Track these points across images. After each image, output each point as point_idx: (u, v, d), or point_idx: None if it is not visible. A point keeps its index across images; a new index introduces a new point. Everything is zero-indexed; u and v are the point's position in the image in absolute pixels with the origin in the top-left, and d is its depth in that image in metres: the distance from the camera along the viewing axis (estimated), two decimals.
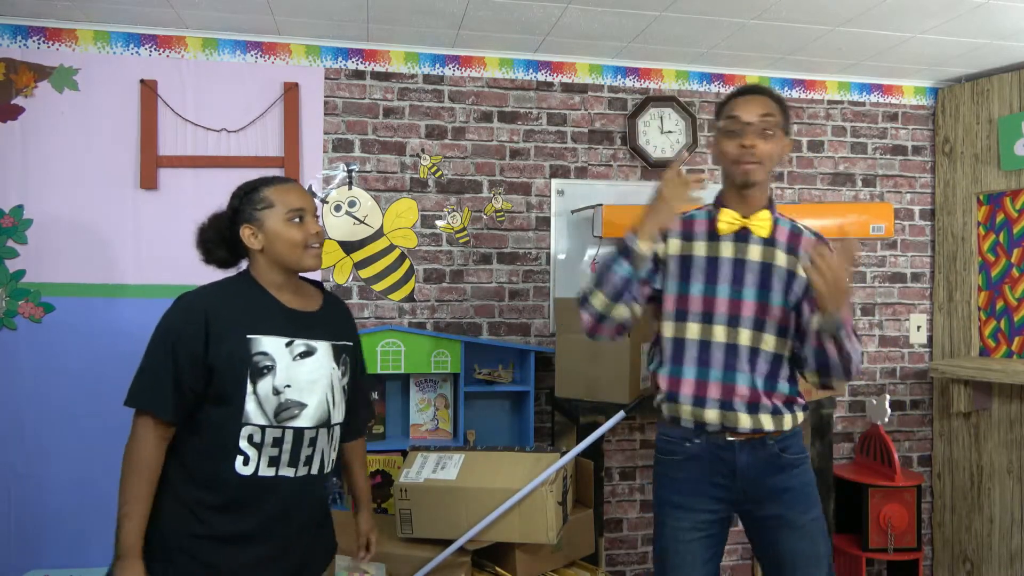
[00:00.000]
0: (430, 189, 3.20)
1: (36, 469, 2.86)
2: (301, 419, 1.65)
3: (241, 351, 1.61)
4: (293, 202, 1.69)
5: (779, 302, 1.83)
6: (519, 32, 2.99)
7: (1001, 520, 3.29)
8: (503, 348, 3.15)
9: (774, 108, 1.82)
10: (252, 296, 1.69)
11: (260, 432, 1.62)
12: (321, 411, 1.69)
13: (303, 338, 1.68)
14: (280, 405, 1.63)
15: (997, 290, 3.37)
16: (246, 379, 1.60)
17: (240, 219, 1.70)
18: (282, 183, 1.73)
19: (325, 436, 1.71)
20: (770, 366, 1.85)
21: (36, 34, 2.90)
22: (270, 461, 1.63)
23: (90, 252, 2.91)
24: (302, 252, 1.69)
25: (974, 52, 3.16)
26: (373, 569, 2.27)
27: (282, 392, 1.63)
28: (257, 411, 1.61)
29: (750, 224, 1.85)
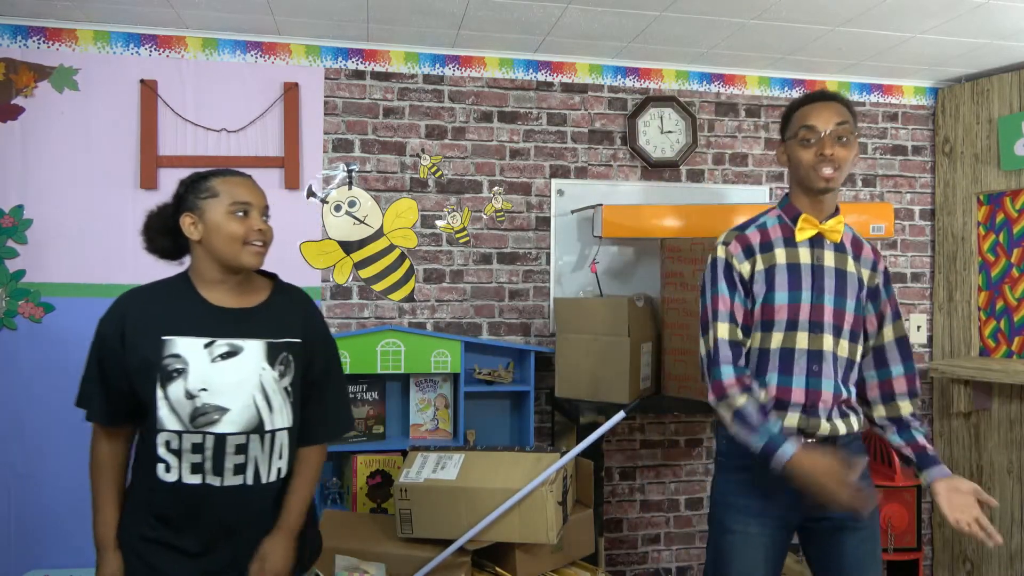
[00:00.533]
0: (430, 189, 3.20)
1: (36, 469, 2.86)
2: (223, 424, 1.55)
3: (152, 353, 1.55)
4: (239, 195, 1.61)
5: (852, 308, 1.86)
6: (519, 32, 2.99)
7: (1001, 520, 3.29)
8: (503, 348, 3.15)
9: (847, 115, 1.84)
10: (178, 295, 1.62)
11: (177, 438, 1.54)
12: (248, 416, 1.57)
13: (227, 337, 1.58)
14: (196, 410, 1.54)
15: (997, 290, 3.37)
16: (154, 383, 1.54)
17: (183, 207, 1.62)
18: (233, 175, 1.65)
19: (258, 443, 1.58)
20: (844, 371, 1.87)
21: (36, 34, 2.90)
22: (193, 468, 1.55)
23: (90, 252, 2.91)
24: (240, 248, 1.59)
25: (974, 52, 3.16)
26: (373, 569, 2.28)
27: (197, 396, 1.54)
28: (170, 416, 1.54)
29: (824, 230, 1.86)
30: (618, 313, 2.79)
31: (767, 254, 1.87)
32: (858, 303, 1.88)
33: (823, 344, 1.83)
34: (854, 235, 1.94)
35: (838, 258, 1.87)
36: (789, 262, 1.85)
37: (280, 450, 1.62)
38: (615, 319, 2.79)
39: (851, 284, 1.86)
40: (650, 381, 2.94)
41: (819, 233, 1.87)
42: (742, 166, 3.47)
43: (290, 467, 1.66)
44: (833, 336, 1.84)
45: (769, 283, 1.85)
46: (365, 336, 2.92)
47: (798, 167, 1.85)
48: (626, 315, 2.77)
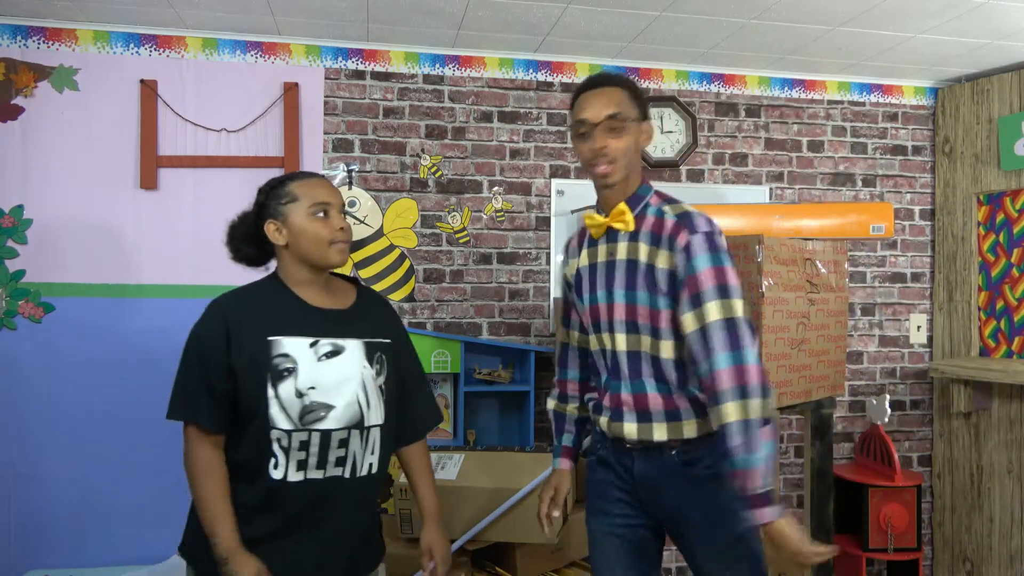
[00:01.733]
0: (430, 189, 3.21)
1: (36, 469, 2.86)
2: (328, 421, 1.60)
3: (261, 354, 1.57)
4: (318, 196, 1.64)
5: (645, 301, 1.67)
6: (519, 32, 2.99)
7: (1001, 520, 3.29)
8: (503, 348, 3.15)
9: (622, 101, 1.69)
10: (276, 297, 1.65)
11: (287, 436, 1.57)
12: (351, 412, 1.63)
13: (330, 337, 1.63)
14: (304, 408, 1.58)
15: (997, 290, 3.37)
16: (267, 382, 1.57)
17: (265, 214, 1.66)
18: (308, 177, 1.69)
19: (358, 438, 1.64)
20: (654, 370, 1.69)
21: (36, 34, 2.90)
22: (298, 465, 1.59)
23: (90, 252, 2.91)
24: (327, 248, 1.64)
25: (974, 52, 3.16)
26: None
27: (306, 394, 1.58)
28: (281, 415, 1.57)
29: (612, 222, 1.74)
30: None
31: (575, 258, 1.86)
32: (652, 294, 1.66)
33: (616, 344, 1.73)
34: (658, 215, 1.70)
35: (631, 248, 1.71)
36: (589, 263, 1.80)
37: (374, 446, 1.67)
38: None
39: (642, 274, 1.67)
40: None
41: (611, 226, 1.74)
42: (742, 166, 3.47)
43: (382, 464, 1.70)
44: (627, 334, 1.71)
45: (578, 288, 1.84)
46: None
47: (581, 162, 1.76)
48: None
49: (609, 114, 1.67)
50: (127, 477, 2.89)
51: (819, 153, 3.55)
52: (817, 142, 3.55)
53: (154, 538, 2.87)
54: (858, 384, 3.59)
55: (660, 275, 1.65)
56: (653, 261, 1.66)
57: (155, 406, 2.94)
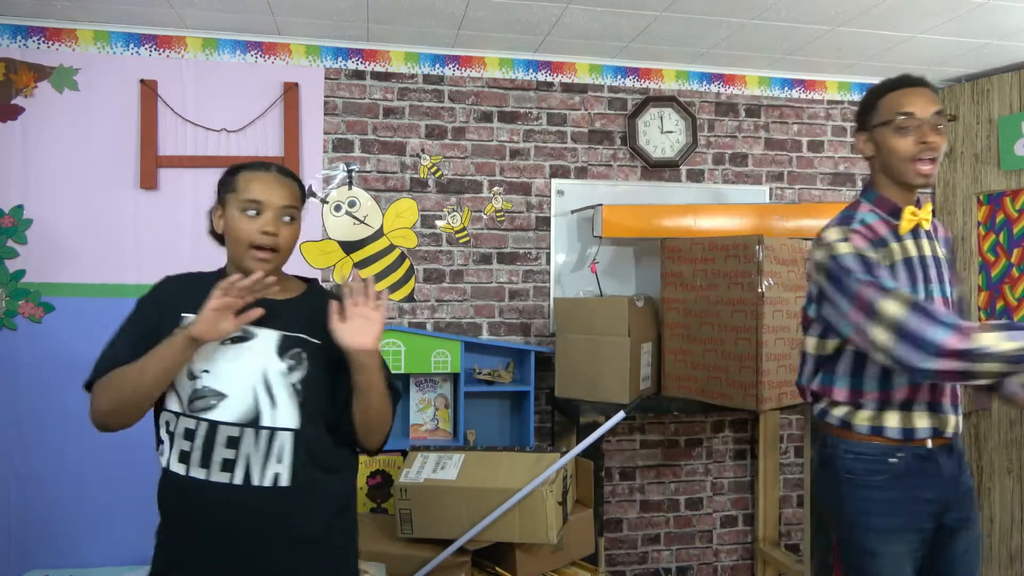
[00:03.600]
0: (430, 189, 3.21)
1: (36, 469, 2.86)
2: (217, 411, 1.43)
3: (168, 328, 1.46)
4: (253, 191, 1.48)
5: (951, 295, 1.79)
6: (519, 32, 2.99)
7: (1001, 520, 3.29)
8: (503, 348, 3.15)
9: (940, 103, 1.76)
10: (209, 281, 1.48)
11: (175, 419, 1.45)
12: (245, 407, 1.44)
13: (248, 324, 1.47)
14: (195, 392, 1.44)
15: (997, 290, 3.37)
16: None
17: (217, 198, 1.57)
18: (257, 169, 1.53)
19: (252, 440, 1.43)
20: None
21: (36, 34, 2.90)
22: (180, 456, 1.44)
23: (90, 252, 2.91)
24: (245, 250, 1.48)
25: (974, 52, 3.16)
26: (373, 569, 2.28)
27: (199, 377, 1.44)
28: (172, 395, 1.46)
29: (925, 218, 1.76)
30: (618, 313, 2.79)
31: (882, 250, 1.72)
32: (953, 288, 1.80)
33: None
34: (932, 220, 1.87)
35: (932, 246, 1.78)
36: (904, 257, 1.73)
37: (279, 453, 1.44)
38: (615, 319, 2.79)
39: (946, 270, 1.80)
40: (650, 381, 2.94)
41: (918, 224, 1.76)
42: (742, 166, 3.47)
43: (297, 476, 1.46)
44: None
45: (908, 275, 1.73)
46: None
47: (891, 156, 1.72)
48: (626, 315, 2.77)
49: (936, 111, 1.70)
50: (127, 477, 2.89)
51: (819, 153, 3.55)
52: (817, 142, 3.55)
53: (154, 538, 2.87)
54: None
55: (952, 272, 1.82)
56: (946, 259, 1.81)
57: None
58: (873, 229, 1.74)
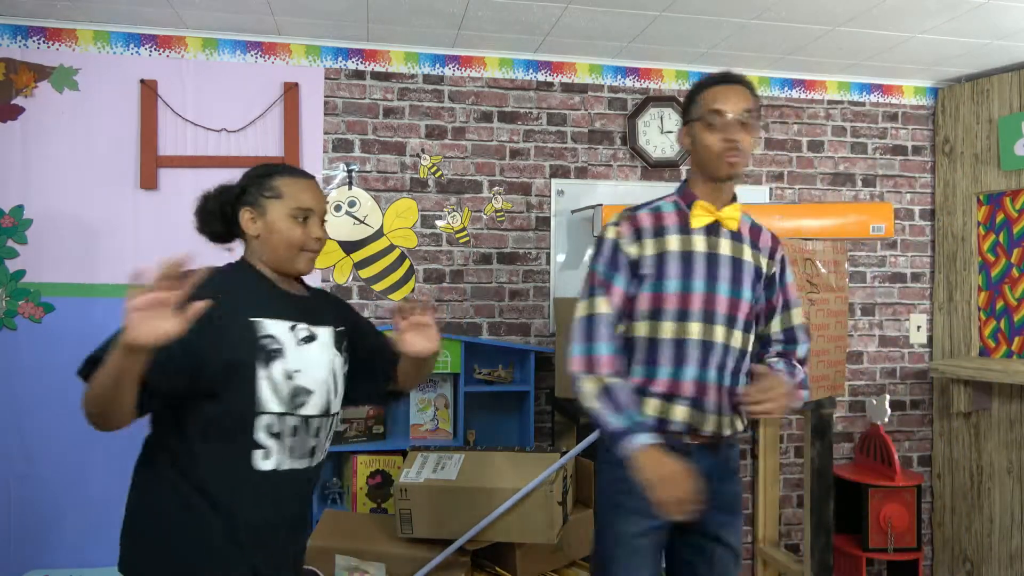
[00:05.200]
0: (430, 189, 3.21)
1: (36, 469, 2.86)
2: (310, 407, 1.56)
3: (246, 334, 1.49)
4: (304, 200, 1.59)
5: (748, 298, 1.80)
6: (519, 32, 2.99)
7: (1001, 520, 3.30)
8: (503, 348, 3.15)
9: (752, 100, 1.79)
10: (250, 279, 1.59)
11: (278, 420, 1.51)
12: (324, 399, 1.59)
13: (304, 323, 1.58)
14: (293, 390, 1.53)
15: (997, 290, 3.37)
16: (255, 363, 1.48)
17: (244, 200, 1.59)
18: (299, 176, 1.63)
19: (326, 426, 1.62)
20: (736, 362, 1.79)
21: (36, 34, 2.90)
22: (290, 452, 1.54)
23: (90, 252, 2.91)
24: (296, 254, 1.59)
25: (974, 52, 3.16)
26: (373, 569, 2.28)
27: (293, 377, 1.53)
28: (272, 397, 1.50)
29: (722, 217, 1.80)
30: None
31: (658, 239, 1.78)
32: (753, 292, 1.81)
33: (715, 335, 1.75)
34: (753, 223, 1.89)
35: (734, 247, 1.80)
36: (683, 250, 1.77)
37: (331, 432, 1.67)
38: None
39: (747, 272, 1.80)
40: None
41: (716, 221, 1.80)
42: None
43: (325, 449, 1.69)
44: (725, 327, 1.76)
45: (660, 270, 1.76)
46: None
47: (701, 152, 1.78)
48: None
49: (745, 108, 1.76)
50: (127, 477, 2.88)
51: (819, 153, 3.55)
52: (817, 142, 3.55)
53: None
54: (858, 384, 3.59)
55: (759, 277, 1.83)
56: (757, 263, 1.83)
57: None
58: (660, 218, 1.82)
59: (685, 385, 1.74)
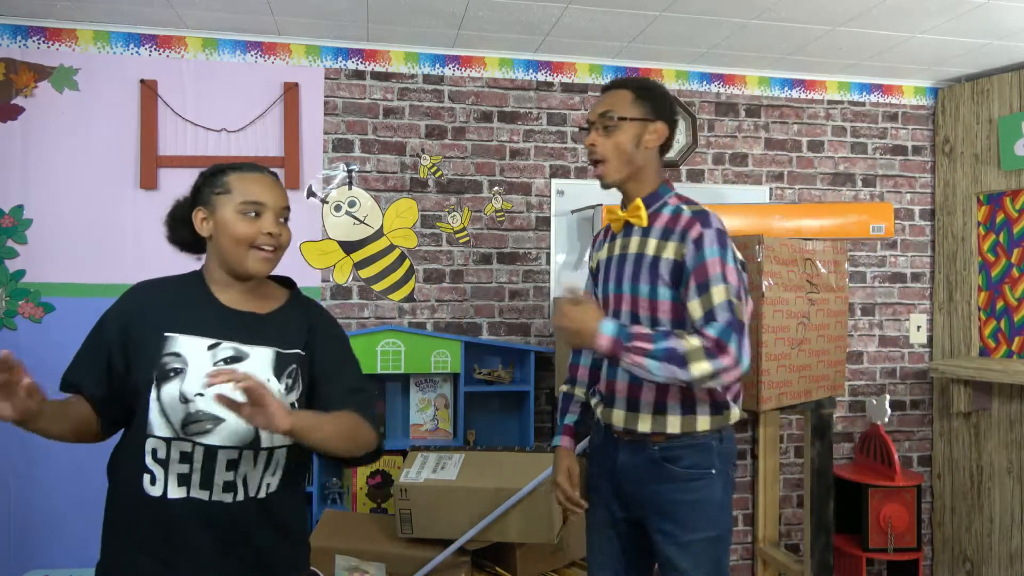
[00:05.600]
0: (430, 189, 3.21)
1: (36, 469, 2.86)
2: (213, 435, 1.39)
3: (152, 349, 1.41)
4: (253, 193, 1.46)
5: (646, 293, 1.72)
6: (519, 32, 2.99)
7: (1001, 520, 3.29)
8: (503, 348, 3.15)
9: (618, 101, 1.73)
10: (189, 290, 1.49)
11: (165, 446, 1.39)
12: (244, 429, 1.39)
13: (234, 341, 1.44)
14: (189, 415, 1.38)
15: (997, 290, 3.37)
16: (151, 382, 1.40)
17: (197, 200, 1.51)
18: (251, 171, 1.51)
19: (251, 461, 1.42)
20: None
21: (36, 34, 2.90)
22: (179, 480, 1.39)
23: (90, 252, 2.91)
24: (245, 251, 1.45)
25: (974, 52, 3.16)
26: (373, 569, 2.28)
27: (192, 400, 1.38)
28: (161, 421, 1.39)
29: (628, 217, 1.80)
30: None
31: (598, 252, 1.93)
32: (654, 286, 1.70)
33: None
34: (675, 211, 1.74)
35: (641, 243, 1.76)
36: (608, 255, 1.86)
37: (275, 466, 1.46)
38: None
39: (648, 267, 1.71)
40: None
41: (628, 220, 1.80)
42: (742, 166, 3.47)
43: (285, 481, 1.49)
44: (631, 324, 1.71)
45: (595, 281, 1.93)
46: (365, 336, 2.92)
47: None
48: None
49: (601, 112, 1.75)
50: None
51: (819, 153, 3.55)
52: (817, 142, 3.55)
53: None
54: (858, 384, 3.59)
55: (664, 265, 1.70)
56: (660, 253, 1.71)
57: None
58: (605, 232, 1.92)
59: (602, 382, 1.85)
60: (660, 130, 1.76)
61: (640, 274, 1.73)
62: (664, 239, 1.72)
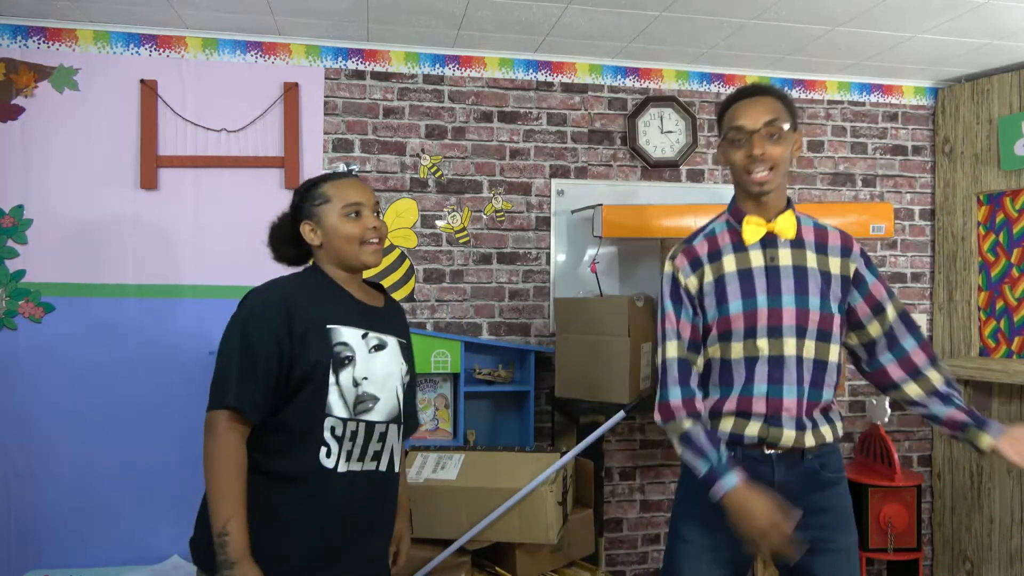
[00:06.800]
0: (430, 189, 3.21)
1: (36, 469, 2.86)
2: (374, 413, 1.64)
3: (322, 342, 1.59)
4: (349, 196, 1.68)
5: (818, 307, 1.73)
6: (519, 32, 2.99)
7: (1001, 520, 3.30)
8: (503, 348, 3.15)
9: (779, 109, 1.73)
10: (324, 287, 1.69)
11: (341, 424, 1.60)
12: (391, 406, 1.68)
13: (376, 331, 1.68)
14: (359, 397, 1.62)
15: (997, 290, 3.37)
16: (328, 369, 1.58)
17: (300, 216, 1.70)
18: (341, 178, 1.72)
19: (395, 432, 1.70)
20: (813, 374, 1.74)
21: (36, 34, 2.90)
22: (347, 455, 1.61)
23: (90, 252, 2.91)
24: (359, 248, 1.67)
25: (974, 52, 3.16)
26: None
27: (360, 384, 1.62)
28: (339, 402, 1.59)
29: (775, 228, 1.75)
30: (618, 313, 2.79)
31: (715, 263, 1.78)
32: (824, 299, 1.73)
33: (784, 349, 1.72)
34: (816, 226, 1.81)
35: (795, 255, 1.75)
36: (740, 268, 1.76)
37: (402, 440, 1.76)
38: (615, 319, 2.79)
39: (813, 280, 1.74)
40: (650, 381, 2.94)
41: (771, 232, 1.76)
42: None
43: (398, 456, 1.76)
44: (796, 338, 1.72)
45: (720, 294, 1.76)
46: None
47: (732, 169, 1.79)
48: (626, 315, 2.77)
49: (767, 120, 1.72)
50: (127, 477, 2.89)
51: (819, 153, 3.55)
52: (817, 142, 3.55)
53: (154, 538, 2.87)
54: (858, 384, 3.59)
55: (835, 281, 1.75)
56: (826, 268, 1.75)
57: (155, 406, 2.96)
58: (716, 240, 1.82)
59: (757, 402, 1.73)
60: (799, 140, 1.80)
61: (807, 287, 1.74)
62: (821, 254, 1.77)
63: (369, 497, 1.66)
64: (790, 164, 1.79)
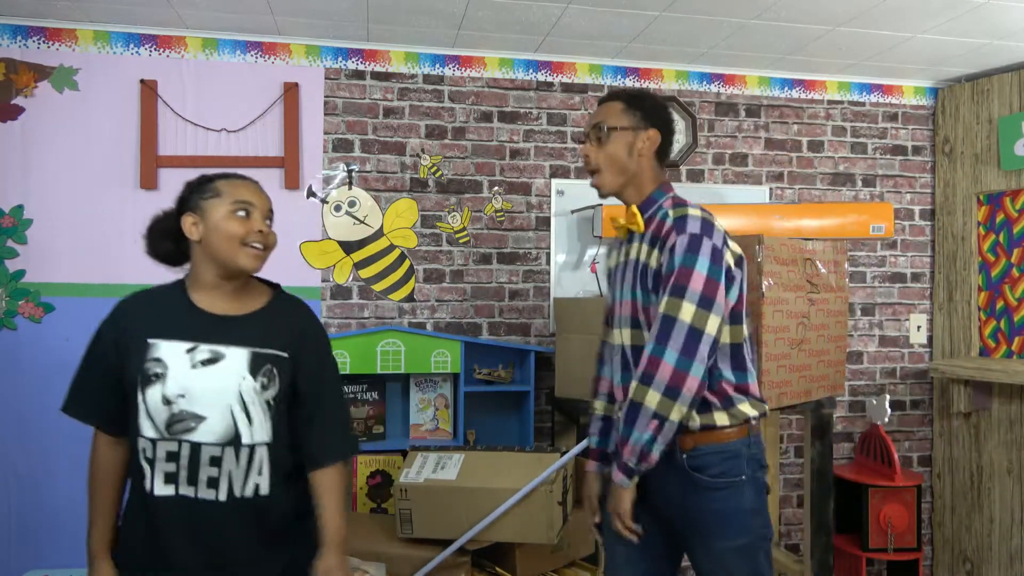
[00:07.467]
0: (430, 189, 3.21)
1: (36, 469, 2.86)
2: (198, 433, 1.49)
3: (137, 357, 1.52)
4: (242, 195, 1.56)
5: (640, 299, 1.72)
6: (519, 32, 2.99)
7: (1001, 520, 3.30)
8: (503, 348, 3.15)
9: (609, 113, 1.78)
10: (169, 299, 1.59)
11: (151, 446, 1.50)
12: (224, 426, 1.50)
13: (210, 343, 1.52)
14: (172, 416, 1.49)
15: (997, 290, 3.37)
16: (136, 387, 1.51)
17: (184, 208, 1.59)
18: (238, 178, 1.61)
19: (233, 457, 1.51)
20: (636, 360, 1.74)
21: (36, 34, 2.90)
22: (166, 478, 1.50)
23: (90, 252, 2.91)
24: (238, 249, 1.53)
25: (974, 52, 3.16)
26: (373, 569, 2.27)
27: (174, 402, 1.49)
28: (147, 423, 1.50)
29: (628, 224, 1.83)
30: None
31: (610, 258, 1.96)
32: (643, 290, 1.71)
33: (614, 338, 1.86)
34: (665, 216, 1.72)
35: (636, 249, 1.78)
36: (617, 262, 1.89)
37: (260, 466, 1.54)
38: None
39: (632, 270, 1.76)
40: None
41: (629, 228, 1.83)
42: (742, 166, 3.47)
43: (275, 485, 1.56)
44: (619, 328, 1.81)
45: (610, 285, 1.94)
46: (365, 336, 2.92)
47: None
48: None
49: (593, 124, 1.81)
50: None
51: (819, 153, 3.55)
52: (817, 142, 3.55)
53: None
54: (858, 384, 3.59)
55: (650, 274, 1.71)
56: (648, 260, 1.73)
57: None
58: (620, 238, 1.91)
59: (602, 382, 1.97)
60: (653, 136, 1.78)
61: (636, 280, 1.76)
62: (652, 246, 1.72)
63: (206, 529, 1.51)
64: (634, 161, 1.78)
